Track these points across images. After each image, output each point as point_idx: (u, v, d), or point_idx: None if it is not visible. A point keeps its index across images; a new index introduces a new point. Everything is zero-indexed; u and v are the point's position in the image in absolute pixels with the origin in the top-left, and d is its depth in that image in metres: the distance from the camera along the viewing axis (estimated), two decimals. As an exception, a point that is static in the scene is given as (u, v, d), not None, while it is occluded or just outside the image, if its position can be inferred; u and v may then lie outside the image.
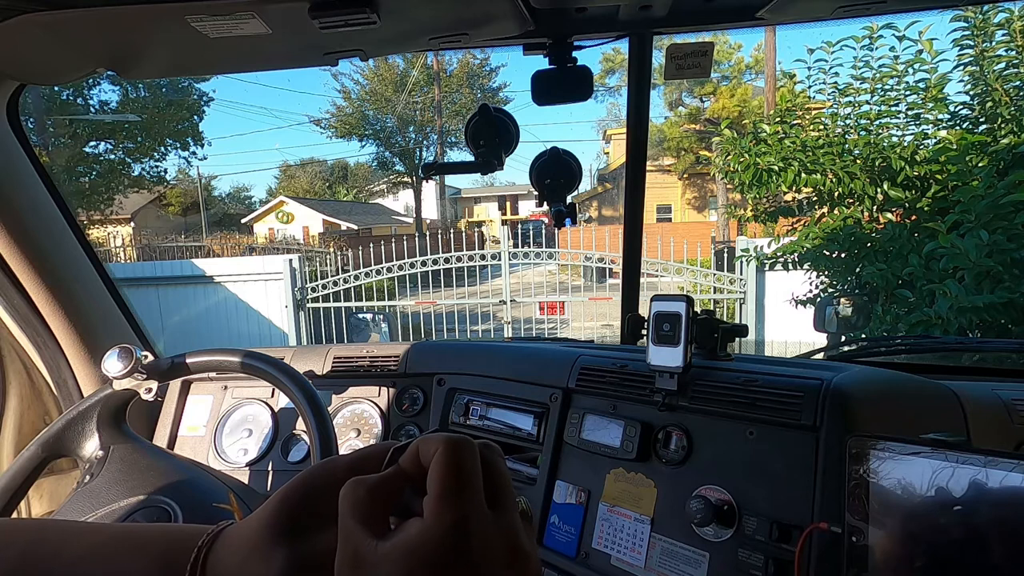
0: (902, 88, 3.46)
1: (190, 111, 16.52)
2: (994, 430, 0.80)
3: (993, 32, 3.17)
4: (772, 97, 11.23)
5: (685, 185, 20.34)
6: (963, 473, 0.55)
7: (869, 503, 0.59)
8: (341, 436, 1.20)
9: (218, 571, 0.36)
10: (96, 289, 1.18)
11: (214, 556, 0.36)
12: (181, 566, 0.36)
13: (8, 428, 1.14)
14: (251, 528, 0.36)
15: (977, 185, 2.71)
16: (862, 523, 0.60)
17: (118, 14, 0.73)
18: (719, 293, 6.55)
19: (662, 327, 0.85)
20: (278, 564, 0.34)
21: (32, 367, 1.15)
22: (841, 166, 3.49)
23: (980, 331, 2.68)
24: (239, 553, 0.36)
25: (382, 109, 20.80)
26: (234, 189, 33.89)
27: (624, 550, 0.85)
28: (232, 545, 0.37)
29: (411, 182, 22.99)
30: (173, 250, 15.29)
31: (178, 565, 0.36)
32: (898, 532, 0.58)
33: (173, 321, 7.24)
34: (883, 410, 0.77)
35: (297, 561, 0.35)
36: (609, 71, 19.52)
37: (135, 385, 0.95)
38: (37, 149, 1.09)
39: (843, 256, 3.59)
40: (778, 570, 0.71)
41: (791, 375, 0.81)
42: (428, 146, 21.86)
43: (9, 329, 1.10)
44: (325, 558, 0.33)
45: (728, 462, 0.80)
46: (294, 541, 0.35)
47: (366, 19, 0.73)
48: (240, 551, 0.36)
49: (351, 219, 22.58)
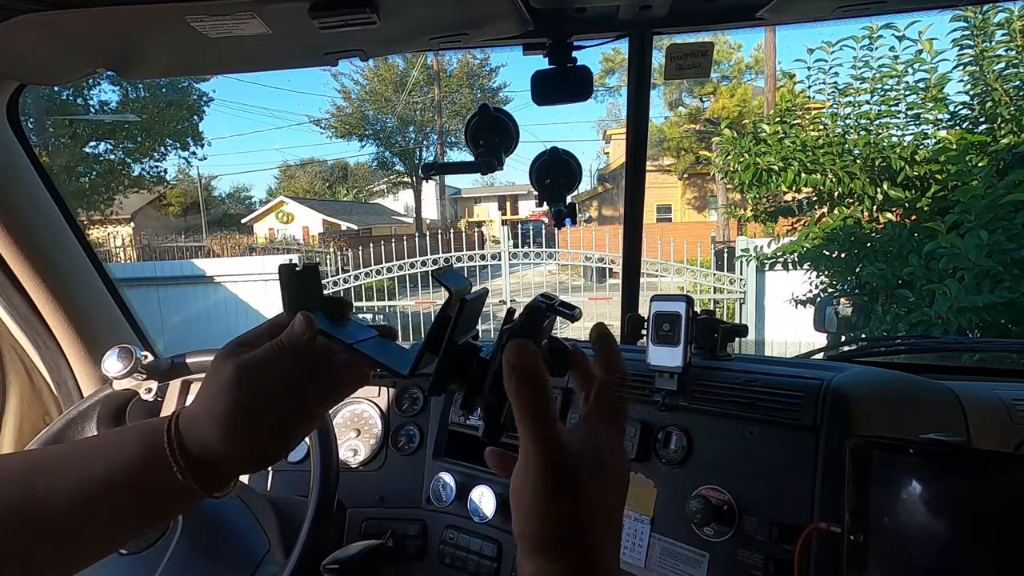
0: (902, 88, 3.46)
1: (190, 111, 16.52)
2: (994, 430, 0.80)
3: (993, 32, 3.17)
4: (772, 97, 11.22)
5: (685, 185, 20.33)
6: (962, 474, 0.55)
7: (869, 503, 0.59)
8: (341, 436, 1.20)
9: (190, 412, 0.42)
10: (96, 289, 1.18)
11: (184, 412, 0.43)
12: (159, 433, 0.42)
13: (8, 428, 1.14)
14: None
15: (977, 185, 2.71)
16: (862, 523, 0.60)
17: (118, 14, 0.73)
18: (719, 293, 6.55)
19: (662, 327, 0.85)
20: (228, 368, 0.42)
21: (32, 367, 1.15)
22: (841, 166, 3.49)
23: (980, 331, 2.68)
24: (199, 397, 0.43)
25: (382, 109, 20.80)
26: (234, 189, 33.84)
27: (624, 550, 0.85)
28: (193, 404, 0.44)
29: (411, 182, 22.99)
30: (173, 250, 15.30)
31: (157, 434, 0.42)
32: (898, 532, 0.58)
33: (173, 321, 7.24)
34: (883, 410, 0.77)
35: (244, 362, 0.42)
36: (609, 71, 19.52)
37: (135, 385, 0.95)
38: (37, 149, 1.09)
39: (843, 256, 3.59)
40: (778, 570, 0.71)
41: (791, 375, 0.81)
42: (428, 146, 21.86)
43: (9, 329, 1.10)
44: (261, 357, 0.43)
45: (728, 462, 0.80)
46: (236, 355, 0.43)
47: (366, 19, 0.73)
48: (199, 396, 0.43)
49: (351, 219, 22.57)
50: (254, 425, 0.42)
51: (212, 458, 0.41)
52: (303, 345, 0.44)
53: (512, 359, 0.35)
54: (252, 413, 0.42)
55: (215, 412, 0.41)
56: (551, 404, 0.35)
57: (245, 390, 0.41)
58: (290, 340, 0.44)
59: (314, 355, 0.45)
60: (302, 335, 0.43)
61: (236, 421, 0.41)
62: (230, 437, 0.41)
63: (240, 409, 0.41)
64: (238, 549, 0.89)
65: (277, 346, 0.43)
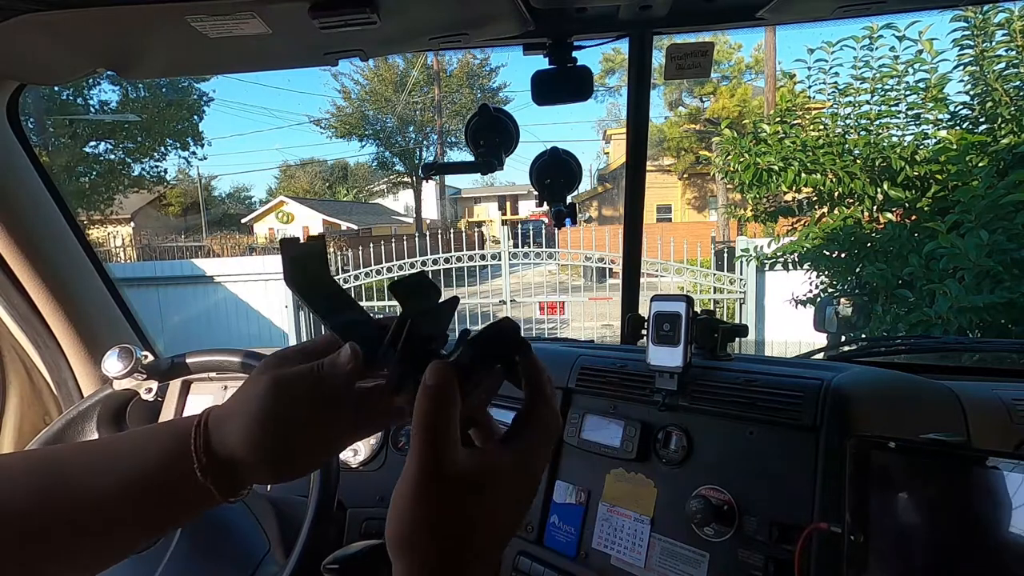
0: (902, 88, 3.46)
1: (190, 111, 16.52)
2: (994, 430, 0.80)
3: (993, 32, 3.17)
4: (772, 97, 11.22)
5: (685, 185, 20.33)
6: (962, 474, 0.55)
7: (869, 503, 0.59)
8: (341, 436, 1.20)
9: (219, 412, 0.43)
10: (96, 289, 1.18)
11: (215, 411, 0.44)
12: (187, 430, 0.42)
13: (8, 428, 1.14)
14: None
15: (977, 185, 2.71)
16: (862, 523, 0.60)
17: (118, 14, 0.73)
18: (719, 293, 6.55)
19: (662, 327, 0.85)
20: (264, 380, 0.42)
21: (32, 367, 1.15)
22: (841, 166, 3.49)
23: (980, 331, 2.68)
24: (232, 399, 0.44)
25: (382, 109, 20.80)
26: (234, 189, 33.86)
27: (624, 550, 0.85)
28: (224, 404, 0.44)
29: (411, 182, 22.99)
30: (173, 250, 15.31)
31: (184, 431, 0.42)
32: (898, 532, 0.58)
33: (173, 321, 7.24)
34: (883, 410, 0.77)
35: (279, 376, 0.43)
36: (609, 71, 19.52)
37: (135, 385, 0.95)
38: (37, 149, 1.09)
39: (843, 256, 3.59)
40: (778, 570, 0.71)
41: (791, 375, 0.81)
42: (428, 146, 21.87)
43: (9, 329, 1.10)
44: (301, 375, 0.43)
45: (728, 462, 0.80)
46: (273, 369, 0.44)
47: (366, 19, 0.73)
48: (233, 398, 0.44)
49: (351, 219, 22.56)
50: (275, 439, 0.42)
51: (232, 461, 0.42)
52: (341, 378, 0.43)
53: (428, 379, 0.36)
54: (275, 427, 0.42)
55: (242, 417, 0.42)
56: (450, 423, 0.36)
57: (273, 404, 0.42)
58: (331, 369, 0.43)
59: (349, 390, 0.43)
60: (345, 365, 0.43)
61: (258, 430, 0.41)
62: (252, 444, 0.41)
63: (265, 421, 0.41)
64: (238, 549, 0.89)
65: (316, 370, 0.43)
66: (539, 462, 0.41)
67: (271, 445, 0.42)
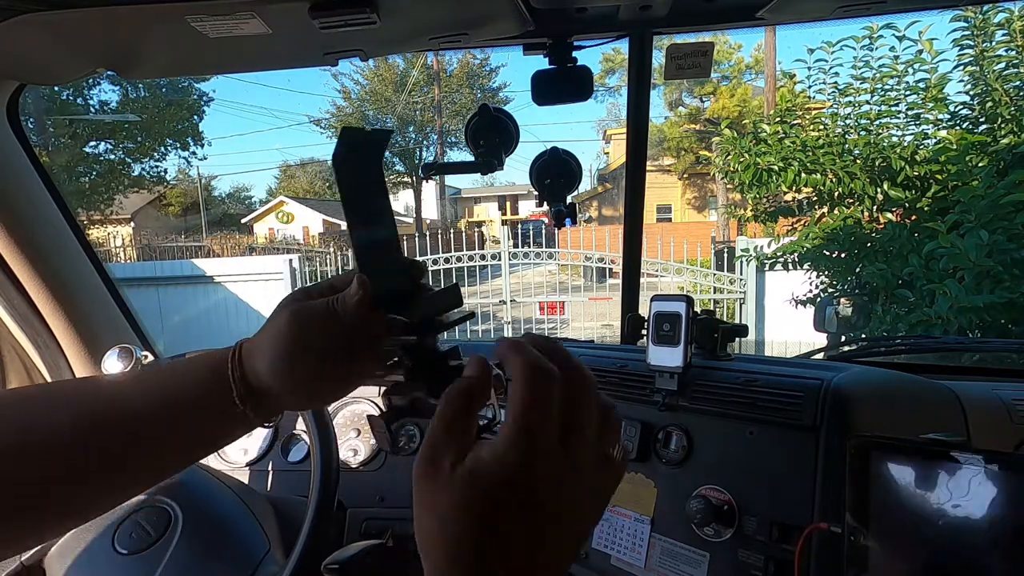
0: (902, 88, 3.46)
1: (190, 111, 16.53)
2: (994, 430, 0.80)
3: (993, 32, 3.17)
4: (772, 97, 11.22)
5: (685, 185, 20.33)
6: (963, 474, 0.55)
7: (869, 503, 0.59)
8: (341, 436, 1.20)
9: (249, 345, 0.46)
10: (96, 289, 1.18)
11: (245, 344, 0.47)
12: (222, 361, 0.46)
13: (8, 428, 1.14)
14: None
15: (977, 185, 2.71)
16: (862, 523, 0.60)
17: (118, 14, 0.73)
18: (719, 293, 6.55)
19: (662, 327, 0.85)
20: (285, 314, 0.45)
21: (32, 367, 1.15)
22: (841, 166, 3.49)
23: (980, 331, 2.68)
24: (260, 333, 0.46)
25: (382, 109, 20.78)
26: (234, 189, 33.78)
27: (624, 550, 0.85)
28: (254, 338, 0.47)
29: (411, 182, 22.97)
30: (173, 250, 15.29)
31: (220, 362, 0.46)
32: (898, 532, 0.58)
33: (173, 321, 7.24)
34: (883, 410, 0.77)
35: (298, 310, 0.45)
36: (609, 71, 19.52)
37: (135, 385, 0.95)
38: (37, 149, 1.09)
39: (843, 256, 3.60)
40: (778, 570, 0.71)
41: (791, 375, 0.81)
42: (428, 146, 21.85)
43: (9, 329, 1.10)
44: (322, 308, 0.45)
45: (728, 462, 0.80)
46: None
47: (366, 19, 0.73)
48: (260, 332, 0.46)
49: (351, 219, 22.47)
50: (298, 370, 0.44)
51: (262, 389, 0.45)
52: (352, 311, 0.44)
53: (469, 369, 0.35)
54: (297, 358, 0.44)
55: (266, 349, 0.45)
56: (471, 419, 0.34)
57: (293, 336, 0.44)
58: (343, 304, 0.44)
59: (362, 327, 0.44)
60: (352, 297, 0.43)
61: (280, 361, 0.44)
62: (278, 373, 0.44)
63: (286, 353, 0.44)
64: (238, 549, 0.89)
65: (330, 305, 0.45)
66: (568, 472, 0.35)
67: (295, 375, 0.44)
